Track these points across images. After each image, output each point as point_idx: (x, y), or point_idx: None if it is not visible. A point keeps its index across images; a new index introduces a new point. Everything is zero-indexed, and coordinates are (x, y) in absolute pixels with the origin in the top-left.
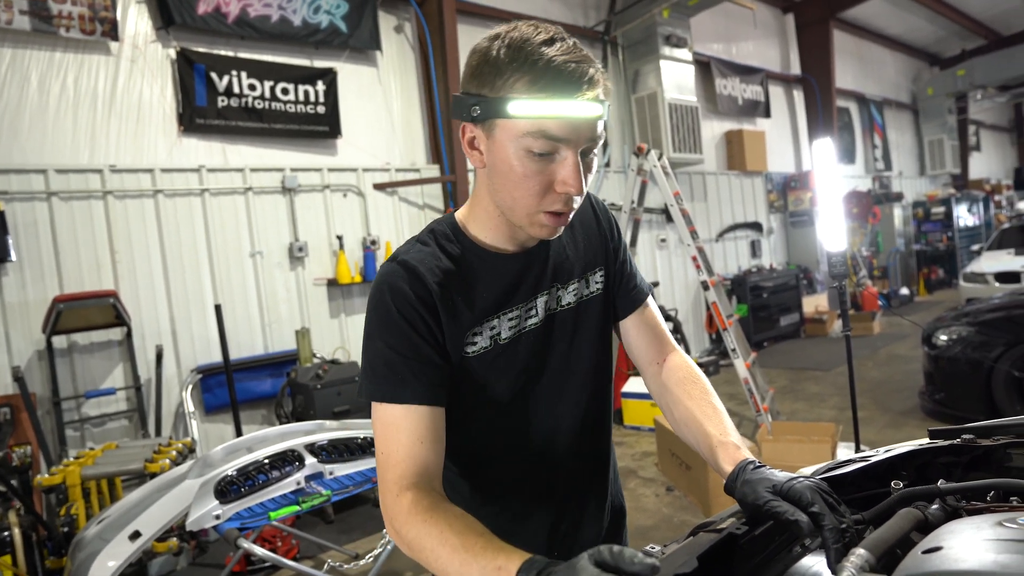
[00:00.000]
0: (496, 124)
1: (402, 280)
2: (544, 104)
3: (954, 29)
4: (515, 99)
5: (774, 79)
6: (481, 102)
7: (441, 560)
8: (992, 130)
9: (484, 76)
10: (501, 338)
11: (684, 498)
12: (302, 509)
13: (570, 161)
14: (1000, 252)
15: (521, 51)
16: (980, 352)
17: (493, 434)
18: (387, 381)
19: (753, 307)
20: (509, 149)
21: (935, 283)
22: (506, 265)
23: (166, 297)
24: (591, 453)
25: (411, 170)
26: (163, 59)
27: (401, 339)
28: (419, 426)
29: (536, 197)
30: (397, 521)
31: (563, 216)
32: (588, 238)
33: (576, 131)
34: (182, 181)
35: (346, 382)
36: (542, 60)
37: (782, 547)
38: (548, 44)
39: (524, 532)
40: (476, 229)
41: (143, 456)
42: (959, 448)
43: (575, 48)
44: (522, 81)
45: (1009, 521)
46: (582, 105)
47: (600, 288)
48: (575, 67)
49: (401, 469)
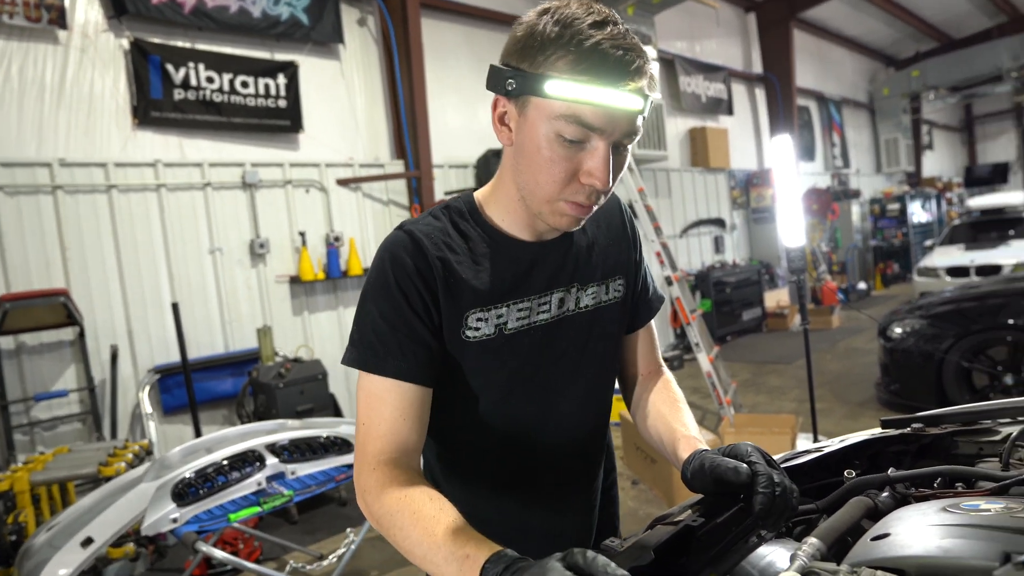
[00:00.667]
0: (530, 101)
1: (404, 250)
2: (584, 88)
3: (908, 31)
4: (554, 78)
5: (737, 77)
6: (518, 76)
7: (410, 540)
8: (944, 130)
9: (526, 50)
10: (507, 328)
11: (649, 491)
12: (263, 510)
13: (600, 152)
14: (951, 247)
15: (568, 28)
16: (932, 344)
17: (488, 424)
18: (374, 351)
19: (716, 302)
20: (540, 129)
21: (891, 278)
22: (520, 252)
23: (121, 295)
24: (589, 454)
25: (375, 165)
26: (115, 49)
27: (395, 311)
28: (403, 402)
29: (559, 184)
30: (369, 495)
31: (585, 208)
32: (614, 244)
33: (612, 122)
34: (137, 176)
35: (309, 380)
36: (589, 41)
37: (738, 538)
38: (599, 27)
39: (509, 524)
40: (494, 211)
41: (97, 460)
42: (909, 437)
43: (626, 35)
44: (564, 60)
45: (953, 507)
46: (624, 96)
47: (619, 296)
48: (622, 54)
49: (381, 444)
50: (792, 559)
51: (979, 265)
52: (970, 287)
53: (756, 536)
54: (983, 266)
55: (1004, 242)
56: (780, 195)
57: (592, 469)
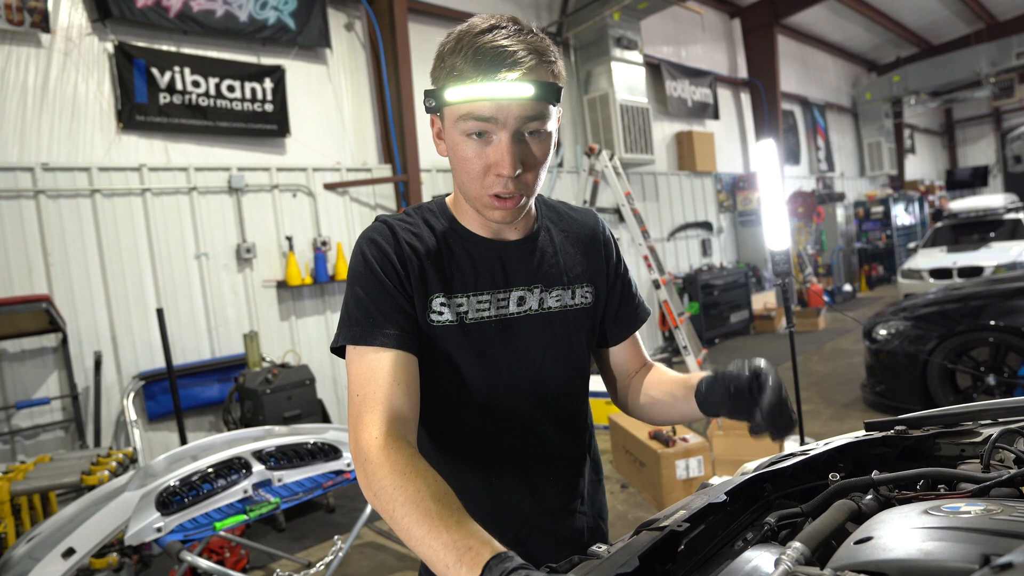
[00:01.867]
0: (443, 113)
1: (379, 235)
2: (469, 88)
3: (889, 37)
4: (451, 86)
5: (722, 82)
6: (432, 93)
7: (407, 519)
8: (925, 133)
9: (436, 69)
10: (468, 318)
11: (638, 495)
12: (250, 518)
13: (501, 142)
14: (934, 249)
15: (460, 41)
16: (916, 345)
17: (458, 408)
18: (361, 325)
19: (704, 305)
20: (453, 134)
21: (876, 279)
22: (482, 249)
23: (105, 301)
24: (562, 457)
25: (362, 170)
26: (100, 53)
27: (376, 287)
28: (394, 367)
29: (478, 180)
30: (370, 464)
31: (505, 200)
32: (583, 253)
33: (503, 111)
34: (121, 180)
35: (297, 386)
36: (473, 47)
37: (724, 542)
38: (487, 32)
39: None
40: (459, 212)
41: (80, 468)
42: (892, 440)
43: (515, 34)
44: (456, 69)
45: (934, 509)
46: (505, 86)
47: (586, 303)
48: (501, 50)
49: (380, 411)
50: (776, 564)
51: (961, 267)
52: (953, 289)
53: (741, 541)
54: (965, 268)
55: (985, 244)
56: (765, 199)
57: (569, 475)
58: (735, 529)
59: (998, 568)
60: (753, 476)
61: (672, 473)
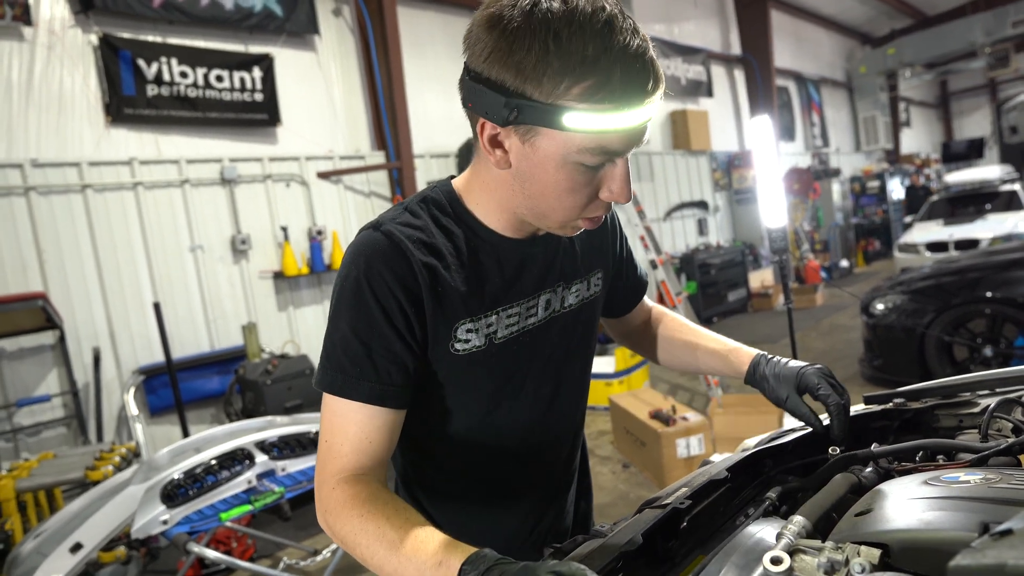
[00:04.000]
0: (539, 131)
1: (382, 256)
2: (609, 117)
3: (883, 9)
4: (571, 111)
5: (716, 59)
6: (522, 105)
7: (377, 557)
8: (921, 106)
9: (524, 69)
10: (497, 337)
11: (640, 474)
12: (255, 508)
13: (620, 168)
14: (930, 223)
15: (577, 40)
16: (913, 319)
17: (474, 434)
18: (344, 373)
19: (702, 284)
20: (555, 162)
21: (872, 254)
22: (508, 253)
23: (101, 297)
24: (572, 452)
25: (356, 157)
26: (84, 45)
27: (370, 327)
28: (371, 424)
29: (580, 209)
30: (331, 515)
31: (600, 220)
32: (594, 238)
33: (637, 139)
34: (112, 175)
35: (296, 376)
36: (605, 58)
37: (727, 518)
38: (610, 30)
39: (497, 529)
40: (476, 205)
41: (83, 464)
42: (891, 412)
43: (634, 30)
44: (581, 86)
45: (934, 480)
46: (648, 111)
47: (598, 291)
48: (642, 66)
49: (343, 463)
50: (778, 538)
51: (957, 240)
52: (949, 262)
53: (743, 516)
54: (961, 240)
55: (981, 216)
56: (761, 176)
57: (570, 467)
58: (737, 505)
59: (997, 535)
60: (754, 452)
61: (673, 452)
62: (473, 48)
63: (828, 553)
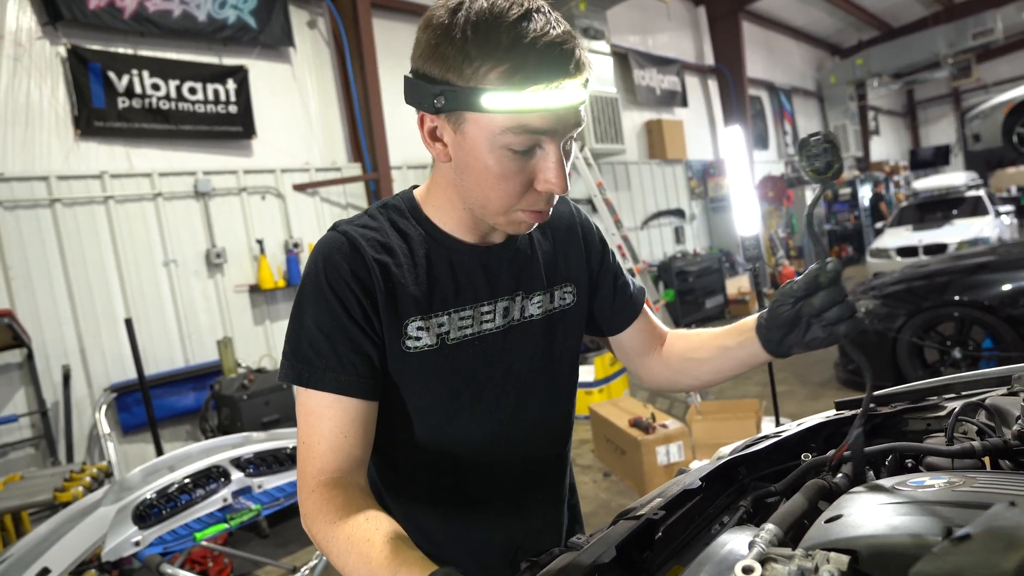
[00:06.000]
0: (465, 117)
1: (339, 253)
2: (525, 96)
3: (851, 21)
4: (491, 91)
5: (690, 70)
6: (446, 91)
7: (347, 568)
8: (889, 115)
9: (447, 59)
10: (450, 338)
11: (621, 483)
12: (231, 526)
13: (552, 156)
14: (900, 229)
15: (493, 31)
16: (885, 323)
17: (436, 440)
18: (310, 365)
19: (679, 291)
20: (483, 146)
21: (846, 260)
22: (463, 256)
23: (71, 313)
24: (546, 467)
25: (332, 169)
26: (52, 57)
27: (331, 319)
28: (344, 418)
29: (515, 197)
30: (309, 519)
31: (543, 213)
32: (563, 250)
33: (561, 121)
34: (82, 189)
35: (274, 391)
36: (520, 44)
37: (701, 527)
38: (524, 20)
39: (464, 540)
40: (434, 211)
41: (52, 486)
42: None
43: (556, 23)
44: (497, 70)
45: (901, 484)
46: (569, 92)
47: (568, 304)
48: (559, 49)
49: (321, 463)
50: (751, 546)
51: (927, 245)
52: (919, 266)
53: (718, 525)
54: (930, 245)
55: (948, 221)
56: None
57: (553, 485)
58: (712, 513)
59: (956, 540)
60: (728, 460)
61: (653, 459)
62: (414, 49)
63: (798, 561)
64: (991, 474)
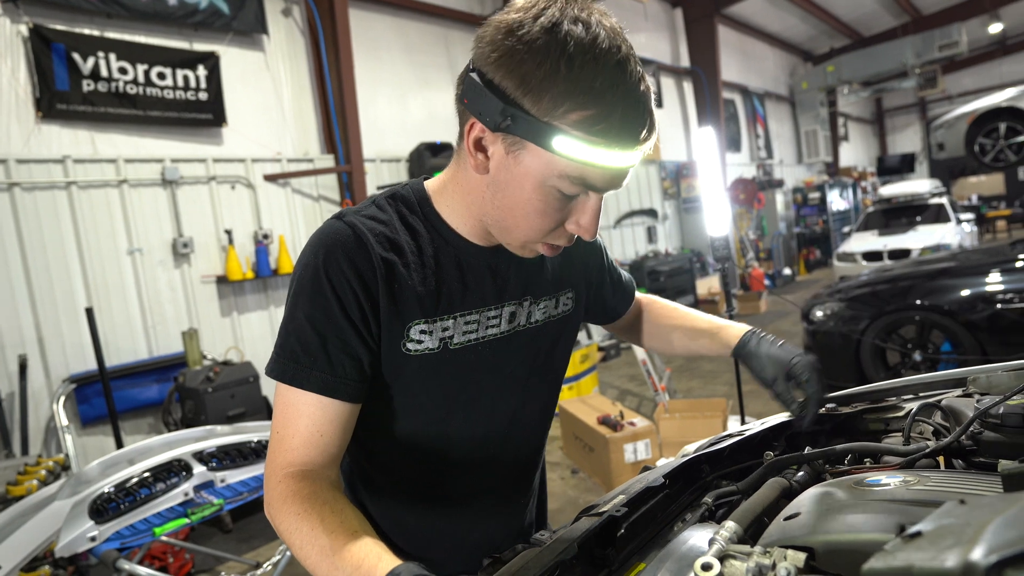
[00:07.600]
0: (526, 146)
1: (343, 247)
2: (598, 152)
3: (824, 28)
4: (564, 135)
5: (665, 71)
6: (516, 115)
7: (310, 560)
8: (858, 122)
9: (529, 82)
10: (453, 343)
11: (589, 479)
12: (191, 521)
13: (593, 204)
14: (866, 233)
15: (589, 70)
16: (849, 326)
17: (422, 440)
18: (297, 362)
19: (651, 290)
20: (534, 181)
21: (814, 263)
22: (473, 258)
23: (29, 301)
24: (528, 469)
25: (304, 160)
26: (13, 36)
27: (326, 317)
28: (323, 417)
29: (544, 233)
30: (272, 507)
31: (559, 249)
32: (567, 255)
33: (616, 180)
34: (43, 173)
35: (240, 383)
36: (610, 92)
37: (663, 524)
38: (621, 69)
39: (439, 537)
40: (446, 208)
41: (5, 479)
42: (823, 417)
43: (643, 76)
44: (580, 114)
45: (858, 483)
46: (636, 156)
47: (568, 310)
48: (643, 108)
49: (292, 456)
50: (710, 543)
51: (891, 249)
52: (884, 271)
53: (680, 522)
54: (895, 250)
55: (912, 228)
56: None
57: (529, 481)
58: (674, 511)
59: (908, 537)
60: (692, 458)
61: (620, 457)
62: (484, 48)
63: (756, 558)
64: (945, 473)
